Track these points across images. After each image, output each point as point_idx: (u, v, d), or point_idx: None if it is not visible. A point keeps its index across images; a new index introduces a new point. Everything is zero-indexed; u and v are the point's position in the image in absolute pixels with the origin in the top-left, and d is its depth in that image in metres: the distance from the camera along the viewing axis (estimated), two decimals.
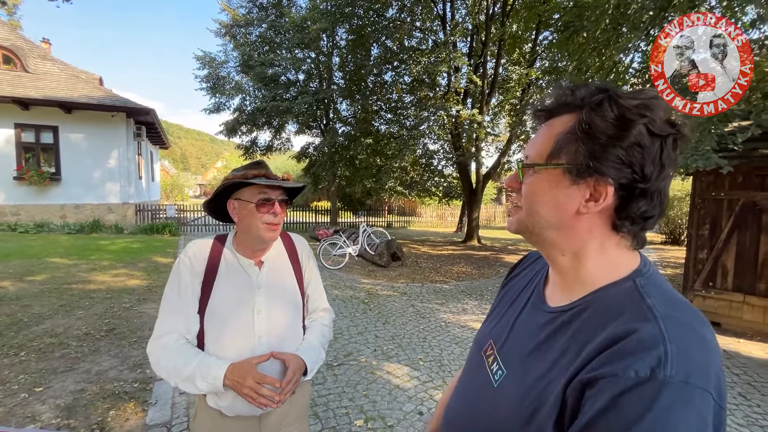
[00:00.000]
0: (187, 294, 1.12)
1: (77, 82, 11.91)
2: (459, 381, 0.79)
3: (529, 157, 0.62)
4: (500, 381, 0.62)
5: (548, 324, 0.60)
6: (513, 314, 0.70)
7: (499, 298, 0.82)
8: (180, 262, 1.16)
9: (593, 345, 0.49)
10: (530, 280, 0.75)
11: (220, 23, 14.78)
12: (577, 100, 0.57)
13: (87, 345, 3.50)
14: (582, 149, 0.54)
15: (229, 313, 1.13)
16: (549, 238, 0.60)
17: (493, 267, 8.40)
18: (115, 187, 11.60)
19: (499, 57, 10.84)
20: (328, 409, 2.67)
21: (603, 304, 0.54)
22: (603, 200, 0.54)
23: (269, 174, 1.16)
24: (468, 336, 4.15)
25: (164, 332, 1.10)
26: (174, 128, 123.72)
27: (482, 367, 0.69)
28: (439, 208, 19.75)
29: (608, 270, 0.57)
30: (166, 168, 40.88)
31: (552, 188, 0.58)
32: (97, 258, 7.21)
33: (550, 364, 0.55)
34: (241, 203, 1.15)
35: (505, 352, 0.65)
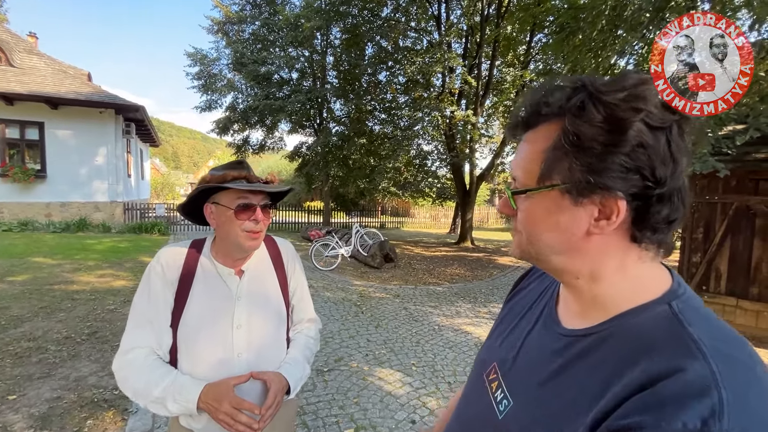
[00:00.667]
0: (158, 305, 1.02)
1: (65, 77, 11.64)
2: (460, 404, 0.71)
3: (518, 181, 0.53)
4: (506, 413, 0.54)
5: (563, 350, 0.51)
6: (521, 334, 0.62)
7: (503, 314, 0.74)
8: (151, 269, 1.05)
9: (623, 384, 0.41)
10: (540, 295, 0.66)
11: (213, 20, 14.58)
12: (554, 107, 0.48)
13: (66, 349, 3.36)
14: (576, 164, 0.46)
15: (205, 327, 1.03)
16: (558, 265, 0.52)
17: (486, 269, 8.37)
18: (102, 185, 11.36)
19: (494, 58, 10.83)
20: (317, 417, 2.58)
21: (631, 332, 0.46)
22: (616, 217, 0.46)
23: (250, 176, 1.05)
24: (461, 340, 4.08)
25: (132, 346, 1.00)
26: (165, 126, 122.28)
27: (484, 393, 0.61)
28: (432, 209, 19.73)
29: (633, 291, 0.49)
30: (157, 166, 40.35)
31: (551, 213, 0.49)
32: (83, 258, 7.02)
33: (567, 400, 0.47)
34: (219, 208, 1.04)
35: (511, 379, 0.57)
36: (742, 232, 4.42)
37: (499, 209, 0.58)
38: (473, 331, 4.36)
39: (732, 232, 4.48)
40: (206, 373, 1.00)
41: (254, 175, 1.07)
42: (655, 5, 3.47)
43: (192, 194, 1.06)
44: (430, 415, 2.66)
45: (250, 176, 1.05)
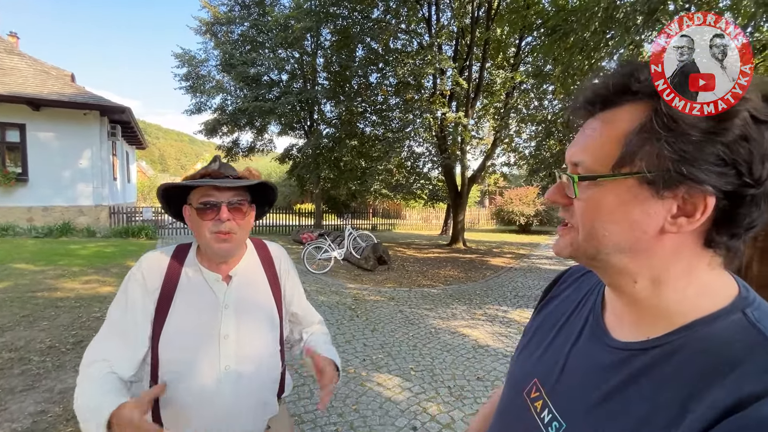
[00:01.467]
0: (135, 315, 0.94)
1: (47, 78, 11.33)
2: (497, 423, 0.65)
3: (583, 165, 0.48)
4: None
5: (621, 365, 0.47)
6: (562, 347, 0.57)
7: (536, 325, 0.67)
8: (130, 276, 0.98)
9: (706, 403, 0.37)
10: (579, 303, 0.61)
11: (201, 21, 14.39)
12: (646, 84, 0.43)
13: (51, 360, 3.22)
14: (667, 151, 0.41)
15: (190, 339, 0.95)
16: (618, 265, 0.47)
17: (479, 270, 8.37)
18: (87, 189, 11.07)
19: (484, 60, 10.89)
20: (315, 426, 2.50)
21: (706, 344, 0.42)
22: (701, 215, 0.42)
23: (215, 172, 0.96)
24: (459, 343, 4.04)
25: (93, 359, 0.90)
26: (152, 128, 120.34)
27: (526, 412, 0.56)
28: (424, 211, 19.76)
29: (700, 298, 0.44)
30: (144, 169, 39.59)
31: (623, 204, 0.45)
32: (67, 263, 6.81)
33: (635, 421, 0.42)
34: (191, 209, 0.98)
35: (559, 398, 0.52)
36: None
37: (549, 198, 0.52)
38: (470, 334, 4.33)
39: None
40: (189, 389, 0.93)
41: (225, 171, 0.98)
42: (649, 7, 3.52)
43: (158, 195, 1.00)
44: (432, 421, 2.61)
45: (216, 172, 0.97)
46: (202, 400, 0.93)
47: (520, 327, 4.62)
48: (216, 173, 0.96)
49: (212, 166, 0.98)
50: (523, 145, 12.27)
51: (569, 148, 0.51)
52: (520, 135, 12.13)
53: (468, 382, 3.19)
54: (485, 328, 4.56)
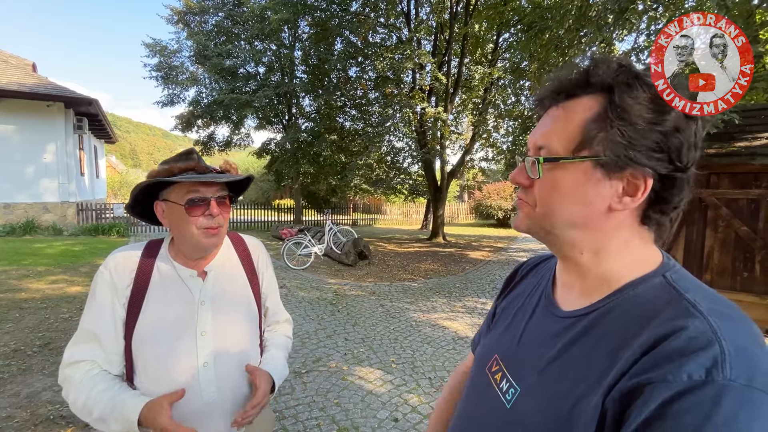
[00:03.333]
0: (103, 316, 0.92)
1: (6, 67, 10.69)
2: (463, 401, 0.70)
3: (547, 149, 0.53)
4: (514, 400, 0.54)
5: (565, 331, 0.53)
6: (519, 324, 0.62)
7: (500, 311, 0.74)
8: (98, 276, 0.94)
9: (631, 349, 0.43)
10: (535, 286, 0.67)
11: (173, 9, 13.86)
12: (603, 78, 0.49)
13: (16, 363, 3.08)
14: (618, 137, 0.48)
15: (164, 337, 0.93)
16: (569, 239, 0.54)
17: (459, 263, 8.50)
18: (52, 185, 10.54)
19: (463, 56, 10.97)
20: (297, 421, 2.50)
21: (632, 303, 0.48)
22: (641, 194, 0.49)
23: (200, 167, 0.94)
24: (439, 335, 4.11)
25: (73, 360, 0.90)
26: (122, 122, 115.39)
27: (489, 386, 0.61)
28: (404, 206, 19.84)
29: (632, 266, 0.51)
30: (114, 164, 37.98)
31: (580, 185, 0.51)
32: (31, 263, 6.49)
33: (576, 376, 0.47)
34: (170, 205, 0.94)
35: (515, 367, 0.57)
36: (695, 223, 4.72)
37: (513, 178, 0.57)
38: (450, 326, 4.40)
39: (686, 222, 4.77)
40: (167, 388, 0.91)
41: (205, 165, 0.96)
42: (619, 6, 3.63)
43: (134, 192, 0.94)
44: (413, 412, 2.65)
45: (200, 167, 0.94)
46: (182, 399, 0.91)
47: None
48: (201, 168, 0.94)
49: (193, 160, 0.94)
50: (500, 140, 12.47)
51: (532, 133, 0.57)
52: (498, 130, 12.32)
53: (448, 372, 3.24)
54: (465, 320, 4.64)
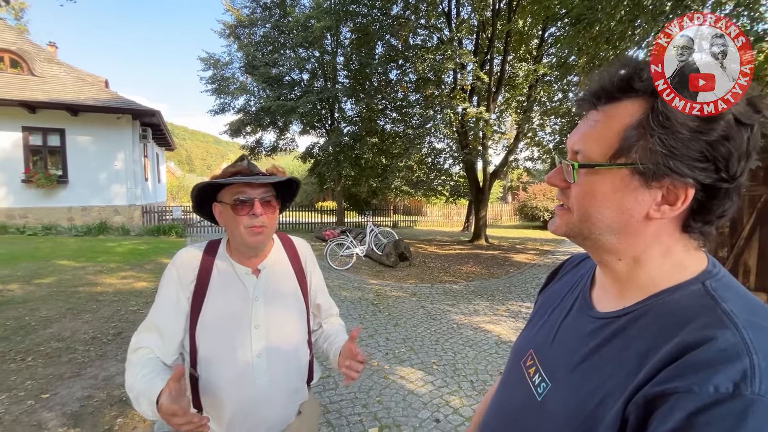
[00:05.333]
0: (168, 310, 1.02)
1: (83, 84, 11.94)
2: (496, 394, 0.72)
3: (583, 154, 0.52)
4: (545, 394, 0.56)
5: (598, 331, 0.53)
6: (555, 321, 0.64)
7: (537, 307, 0.76)
8: (166, 273, 1.05)
9: (659, 355, 0.43)
10: (574, 285, 0.68)
11: (224, 24, 14.78)
12: (647, 83, 0.47)
13: (94, 349, 3.44)
14: (658, 146, 0.46)
15: (223, 328, 1.02)
16: (606, 245, 0.53)
17: (502, 267, 8.28)
18: (121, 189, 11.62)
19: (506, 53, 10.69)
20: (341, 416, 2.58)
21: (666, 308, 0.48)
22: (681, 204, 0.47)
23: (245, 170, 1.02)
24: (481, 338, 4.04)
25: (136, 347, 1.00)
26: (179, 130, 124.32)
27: (522, 379, 0.63)
28: (445, 208, 19.62)
29: (671, 273, 0.50)
30: (172, 170, 41.04)
31: (616, 191, 0.50)
32: (105, 260, 7.19)
33: (604, 376, 0.48)
34: (223, 206, 1.03)
35: (548, 363, 0.59)
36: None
37: (549, 181, 0.57)
38: (493, 329, 4.32)
39: (761, 225, 4.32)
40: (225, 375, 0.99)
41: (253, 169, 1.04)
42: None
43: (192, 195, 1.05)
44: (454, 414, 2.64)
45: (246, 170, 1.03)
46: (237, 386, 1.00)
47: None
48: (247, 171, 1.02)
49: (241, 165, 1.03)
50: (546, 138, 11.99)
51: (571, 135, 0.56)
52: (544, 128, 11.86)
53: (491, 376, 3.19)
54: (508, 324, 4.53)
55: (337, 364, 1.08)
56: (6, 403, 2.56)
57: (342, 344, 1.11)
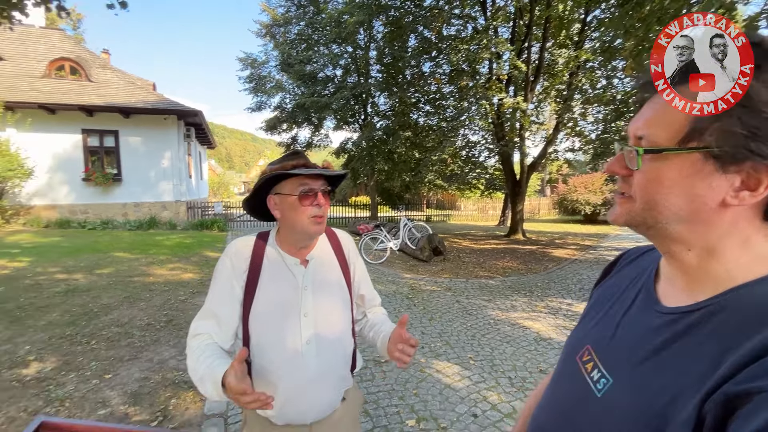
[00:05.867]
0: (224, 297, 1.07)
1: (134, 88, 12.73)
2: (549, 389, 0.70)
3: (648, 139, 0.49)
4: (605, 391, 0.53)
5: (666, 327, 0.50)
6: (616, 316, 0.60)
7: (593, 301, 0.72)
8: (220, 262, 1.10)
9: (740, 353, 0.40)
10: (635, 279, 0.64)
11: (261, 24, 15.20)
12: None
13: (149, 335, 3.70)
14: (738, 127, 0.42)
15: (274, 316, 1.06)
16: (674, 234, 0.50)
17: (540, 262, 8.02)
18: (168, 186, 12.33)
19: (545, 40, 10.24)
20: (378, 407, 2.62)
21: (746, 304, 0.44)
22: (764, 189, 0.43)
23: (309, 163, 1.07)
24: (519, 335, 3.95)
25: (195, 333, 1.06)
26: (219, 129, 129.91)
27: (578, 374, 0.60)
28: (479, 201, 19.25)
29: (751, 265, 0.46)
30: (213, 167, 43.06)
31: (686, 177, 0.46)
32: (155, 252, 7.68)
33: (675, 373, 0.45)
34: (282, 197, 1.06)
35: (608, 358, 0.56)
36: None
37: (608, 169, 0.55)
38: (531, 326, 4.20)
39: None
40: (277, 361, 1.03)
41: (311, 162, 1.08)
42: None
43: (257, 185, 1.08)
44: (492, 409, 2.61)
45: (308, 163, 1.06)
46: (288, 371, 1.04)
47: None
48: (310, 164, 1.07)
49: (302, 157, 1.08)
50: (588, 128, 11.41)
51: (633, 121, 0.53)
52: (586, 117, 11.28)
53: (530, 374, 3.12)
54: (547, 321, 4.39)
55: (386, 351, 1.10)
56: (75, 382, 2.82)
57: (389, 332, 1.13)
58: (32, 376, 2.87)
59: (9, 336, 3.54)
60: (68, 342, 3.46)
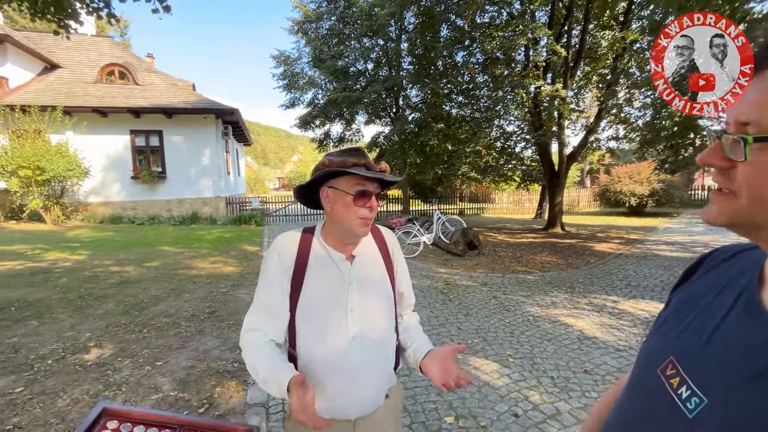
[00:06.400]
0: (273, 291, 1.07)
1: (176, 90, 13.35)
2: (624, 402, 0.63)
3: (759, 124, 0.43)
4: (698, 412, 0.47)
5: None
6: (706, 325, 0.53)
7: (674, 307, 0.64)
8: (268, 256, 1.11)
9: None
10: (728, 283, 0.56)
11: (293, 21, 15.41)
12: None
13: (194, 325, 3.88)
14: None
15: (321, 310, 1.06)
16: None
17: (581, 256, 7.66)
18: (208, 183, 12.88)
19: (587, 22, 9.65)
20: (416, 402, 2.60)
21: None
22: None
23: (369, 164, 1.04)
24: (561, 332, 3.79)
25: (249, 328, 1.07)
26: (254, 126, 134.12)
27: (662, 390, 0.54)
28: (515, 194, 18.67)
29: None
30: (249, 163, 44.58)
31: None
32: (198, 246, 8.06)
33: None
34: (336, 193, 1.05)
35: (700, 375, 0.49)
36: None
37: (703, 159, 0.48)
38: (574, 324, 4.02)
39: None
40: (323, 355, 1.03)
41: (372, 163, 1.06)
42: None
43: (316, 176, 1.06)
44: (534, 410, 2.51)
45: (369, 163, 1.04)
46: (335, 366, 1.04)
47: (634, 319, 4.14)
48: (371, 165, 1.05)
49: (364, 157, 1.06)
50: (635, 114, 10.70)
51: (735, 105, 0.46)
52: (632, 103, 10.57)
53: (574, 374, 2.98)
54: (591, 319, 4.18)
55: (417, 365, 1.12)
56: (130, 368, 3.01)
57: (423, 343, 1.16)
58: (93, 361, 3.09)
59: (72, 323, 3.83)
60: (123, 330, 3.70)
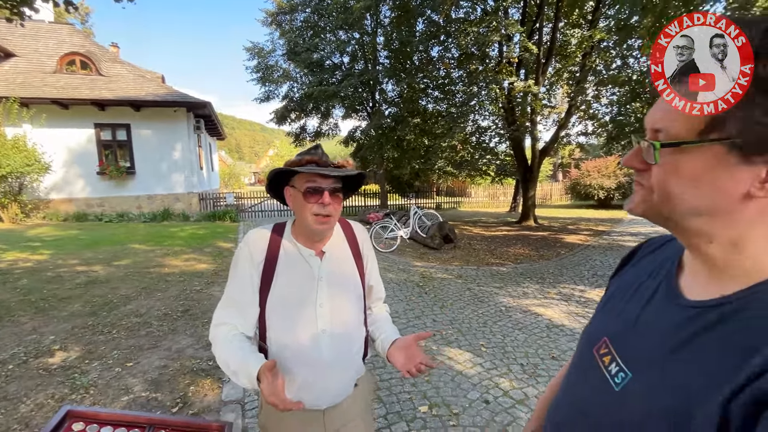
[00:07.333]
0: (244, 285, 1.09)
1: (143, 81, 12.81)
2: (565, 380, 0.70)
3: (667, 131, 0.47)
4: (624, 385, 0.52)
5: (690, 321, 0.49)
6: (635, 308, 0.59)
7: (611, 291, 0.71)
8: (239, 252, 1.12)
9: (764, 357, 0.39)
10: (655, 270, 0.62)
11: (267, 12, 15.02)
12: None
13: (167, 324, 3.80)
14: (762, 116, 0.41)
15: (291, 306, 1.08)
16: (693, 227, 0.49)
17: (553, 248, 7.94)
18: (180, 178, 12.48)
19: (557, 20, 9.93)
20: (391, 393, 2.66)
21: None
22: None
23: (320, 160, 1.06)
24: (531, 322, 3.94)
25: (219, 323, 1.09)
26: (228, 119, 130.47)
27: (595, 367, 0.60)
28: (490, 188, 19.06)
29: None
30: (223, 158, 43.41)
31: (708, 170, 0.45)
32: (170, 244, 7.83)
33: (699, 370, 0.44)
34: (294, 191, 1.09)
35: (627, 352, 0.55)
36: None
37: (625, 163, 0.53)
38: (543, 313, 4.19)
39: None
40: (293, 349, 1.06)
41: (326, 160, 1.07)
42: None
43: (269, 177, 1.10)
44: (504, 396, 2.63)
45: (320, 160, 1.06)
46: (303, 358, 1.07)
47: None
48: (321, 161, 1.06)
49: (316, 154, 1.07)
50: (602, 110, 11.12)
51: (650, 113, 0.51)
52: (599, 100, 10.98)
53: (542, 360, 3.12)
54: (560, 308, 4.37)
55: (385, 353, 1.16)
56: (98, 369, 2.92)
57: (391, 334, 1.20)
58: (58, 364, 2.98)
59: (35, 326, 3.67)
60: (90, 332, 3.58)
